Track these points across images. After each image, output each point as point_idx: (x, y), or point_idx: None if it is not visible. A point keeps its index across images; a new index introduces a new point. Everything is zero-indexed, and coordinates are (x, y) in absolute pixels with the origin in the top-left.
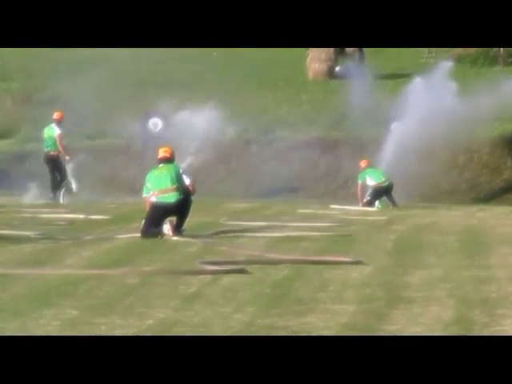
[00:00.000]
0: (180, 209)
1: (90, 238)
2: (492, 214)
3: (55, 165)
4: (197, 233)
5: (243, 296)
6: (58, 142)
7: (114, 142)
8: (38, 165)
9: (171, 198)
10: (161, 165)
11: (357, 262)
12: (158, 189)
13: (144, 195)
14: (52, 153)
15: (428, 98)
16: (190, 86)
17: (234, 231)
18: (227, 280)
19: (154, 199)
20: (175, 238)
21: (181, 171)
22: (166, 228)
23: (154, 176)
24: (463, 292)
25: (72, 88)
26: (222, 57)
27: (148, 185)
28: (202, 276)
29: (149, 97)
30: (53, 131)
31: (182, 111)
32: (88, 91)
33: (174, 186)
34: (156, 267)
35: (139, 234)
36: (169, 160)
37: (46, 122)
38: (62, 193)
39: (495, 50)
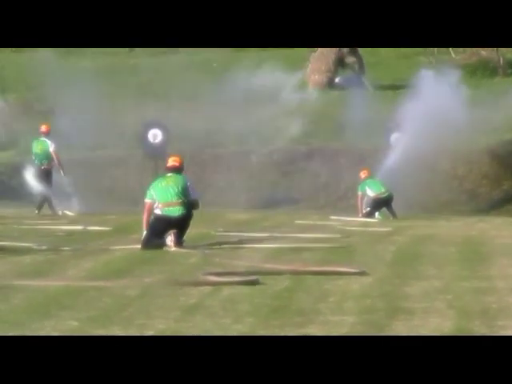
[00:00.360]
0: (182, 223)
1: (90, 249)
2: (492, 225)
3: (48, 178)
4: (197, 244)
5: (243, 307)
6: (54, 157)
7: (113, 153)
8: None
9: (175, 211)
10: (169, 174)
11: (357, 273)
12: (163, 201)
13: (146, 200)
14: (45, 166)
15: (434, 105)
16: (190, 97)
17: (233, 242)
18: (227, 291)
19: (158, 211)
20: (175, 249)
21: (188, 184)
22: (169, 239)
23: (161, 187)
24: (463, 303)
25: (72, 99)
26: (222, 67)
27: (153, 192)
28: (202, 287)
29: (149, 107)
30: (46, 145)
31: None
32: (88, 102)
33: (180, 200)
34: (159, 278)
35: (139, 246)
36: (178, 169)
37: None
38: (54, 204)
39: (495, 60)
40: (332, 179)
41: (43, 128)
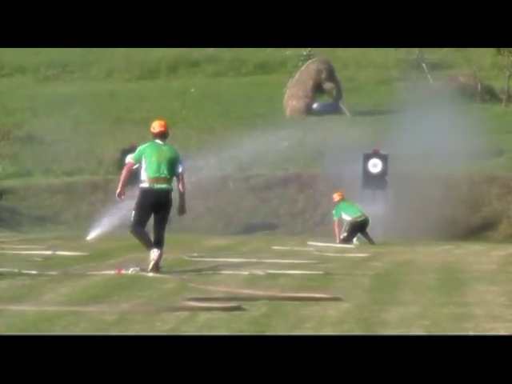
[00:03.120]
0: (168, 195)
1: (67, 274)
2: (469, 251)
3: None
4: (174, 269)
5: (220, 332)
6: None
7: (91, 178)
8: (16, 201)
9: (162, 184)
10: (160, 142)
11: (334, 299)
12: (152, 176)
13: (131, 160)
14: None
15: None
16: (168, 123)
17: (211, 268)
18: (204, 316)
19: (145, 185)
20: (152, 275)
21: (180, 158)
22: (155, 251)
23: (154, 161)
24: (440, 329)
25: (50, 125)
26: (200, 94)
27: (143, 161)
28: (178, 313)
29: (127, 133)
30: None
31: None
32: (66, 128)
33: (169, 177)
34: (136, 303)
35: (117, 271)
36: (166, 135)
37: (25, 157)
38: None
39: (473, 86)
40: (309, 205)
41: None
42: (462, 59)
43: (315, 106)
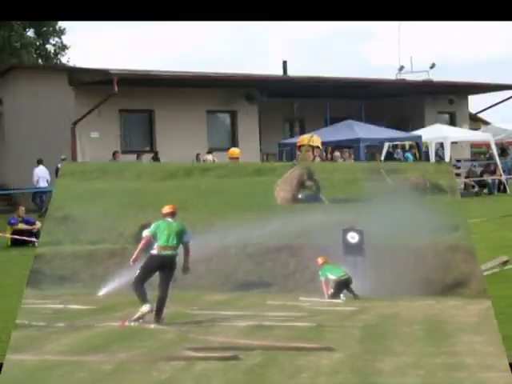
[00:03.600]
0: (172, 261)
1: (73, 326)
2: (448, 305)
3: None
4: (174, 321)
5: (216, 382)
6: None
7: (111, 246)
8: (42, 264)
9: (168, 251)
10: (170, 219)
11: (326, 349)
12: (163, 245)
13: (148, 233)
14: None
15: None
16: (181, 208)
17: (210, 320)
18: (200, 366)
19: (154, 252)
20: (152, 326)
21: (187, 230)
22: (147, 306)
23: (165, 234)
24: (436, 379)
25: (84, 209)
26: (209, 190)
27: (157, 233)
28: (175, 362)
29: (148, 215)
30: None
31: None
32: (97, 212)
33: (176, 246)
34: (134, 353)
35: (121, 323)
36: (175, 214)
37: (57, 231)
38: None
39: (423, 184)
40: (299, 267)
41: None
42: (412, 166)
43: (300, 196)
